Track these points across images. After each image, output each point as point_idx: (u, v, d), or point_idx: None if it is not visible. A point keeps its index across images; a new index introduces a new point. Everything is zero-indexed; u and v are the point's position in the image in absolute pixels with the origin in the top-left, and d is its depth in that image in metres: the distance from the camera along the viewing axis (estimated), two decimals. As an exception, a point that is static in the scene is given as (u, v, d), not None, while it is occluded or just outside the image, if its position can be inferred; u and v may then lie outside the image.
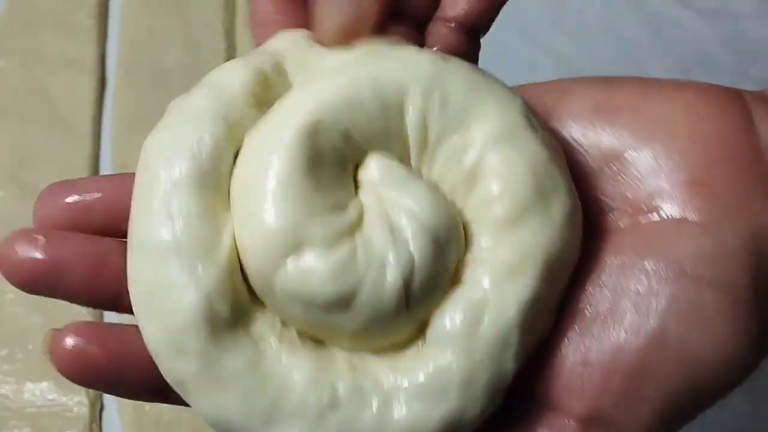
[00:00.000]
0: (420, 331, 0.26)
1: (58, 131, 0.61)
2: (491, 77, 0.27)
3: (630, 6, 0.71)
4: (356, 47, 0.27)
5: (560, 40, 0.70)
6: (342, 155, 0.26)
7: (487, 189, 0.26)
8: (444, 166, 0.26)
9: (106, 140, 0.63)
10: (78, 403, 0.55)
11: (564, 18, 0.71)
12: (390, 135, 0.26)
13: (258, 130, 0.26)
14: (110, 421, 0.56)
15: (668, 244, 0.26)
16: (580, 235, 0.27)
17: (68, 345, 0.26)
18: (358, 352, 0.26)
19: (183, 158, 0.25)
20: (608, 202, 0.27)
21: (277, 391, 0.25)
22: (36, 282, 0.26)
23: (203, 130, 0.25)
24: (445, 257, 0.25)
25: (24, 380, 0.55)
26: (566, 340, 0.26)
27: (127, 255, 0.26)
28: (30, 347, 0.56)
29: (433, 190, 0.26)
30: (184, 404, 0.27)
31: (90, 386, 0.28)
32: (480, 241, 0.26)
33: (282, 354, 0.25)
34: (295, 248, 0.24)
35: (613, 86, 0.28)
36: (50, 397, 0.55)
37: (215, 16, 0.66)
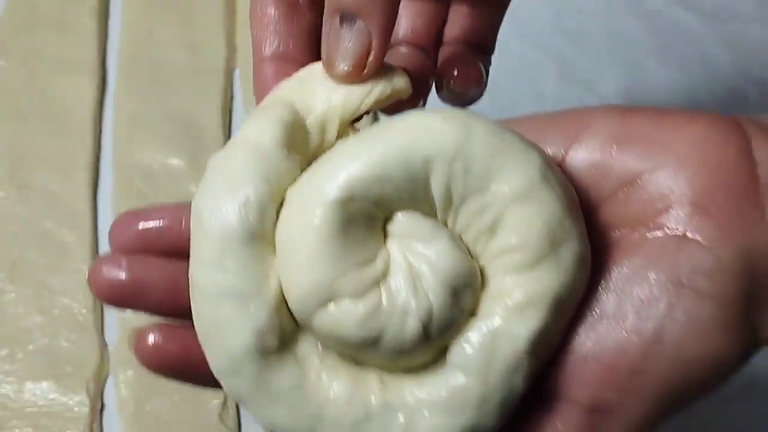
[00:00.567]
0: (442, 353, 0.30)
1: (59, 131, 0.62)
2: (512, 135, 0.30)
3: (630, 6, 0.71)
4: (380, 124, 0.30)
5: (560, 40, 0.70)
6: (372, 215, 0.29)
7: (505, 240, 0.29)
8: (467, 221, 0.30)
9: (106, 140, 0.63)
10: (78, 403, 0.55)
11: (564, 18, 0.71)
12: (416, 199, 0.29)
13: (299, 192, 0.29)
14: (110, 421, 0.56)
15: (669, 257, 0.29)
16: (588, 275, 0.30)
17: (151, 343, 0.31)
18: (389, 371, 0.30)
19: (231, 219, 0.29)
20: (619, 221, 0.31)
21: (319, 406, 0.29)
22: (122, 299, 0.31)
23: (248, 191, 0.29)
24: (461, 302, 0.29)
25: (25, 380, 0.55)
26: (575, 339, 0.30)
27: (190, 296, 0.30)
28: (30, 347, 0.56)
29: (455, 242, 0.29)
30: None
31: (166, 377, 0.32)
32: (496, 282, 0.29)
33: (323, 374, 0.29)
34: (329, 299, 0.29)
35: (630, 117, 0.31)
36: (51, 396, 0.55)
37: (215, 16, 0.66)
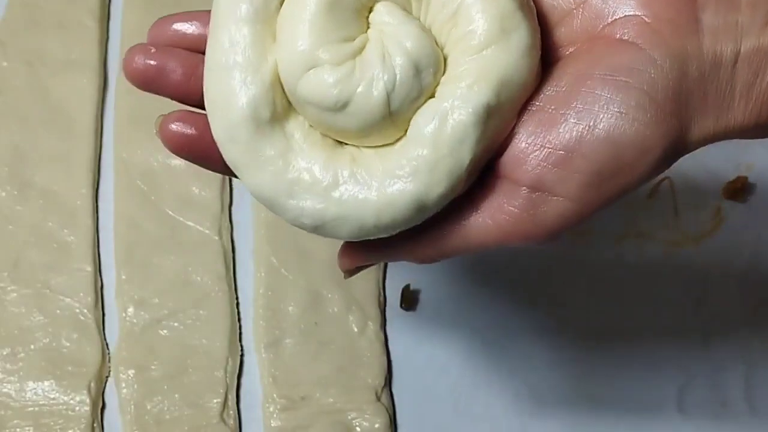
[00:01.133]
0: (404, 136, 0.34)
1: (60, 132, 0.62)
2: None
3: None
4: None
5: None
6: (359, 3, 0.34)
7: (463, 27, 0.34)
8: (435, 13, 0.34)
9: (107, 140, 0.63)
10: (79, 402, 0.55)
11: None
12: None
13: None
14: (111, 420, 0.56)
15: (609, 58, 0.33)
16: (535, 69, 0.34)
17: (173, 128, 0.35)
18: (362, 149, 0.35)
19: (242, 3, 0.34)
20: (573, 38, 0.35)
21: (297, 173, 0.34)
22: (147, 80, 0.36)
23: None
24: (422, 79, 0.34)
25: (26, 379, 0.55)
26: (521, 129, 0.34)
27: (204, 71, 0.35)
28: (32, 347, 0.56)
29: (423, 29, 0.34)
30: None
31: (191, 160, 0.37)
32: (454, 67, 0.34)
33: (304, 147, 0.34)
34: (312, 65, 0.33)
35: None
36: (52, 396, 0.55)
37: (216, 16, 0.66)
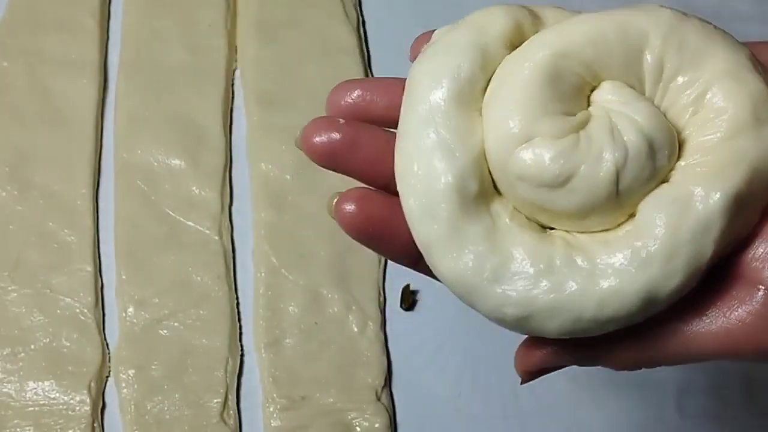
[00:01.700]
0: (629, 221, 0.31)
1: (60, 132, 0.62)
2: (724, 31, 0.32)
3: (628, 6, 0.71)
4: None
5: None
6: (581, 80, 0.31)
7: (708, 114, 0.31)
8: (673, 98, 0.31)
9: (107, 140, 0.63)
10: (80, 402, 0.55)
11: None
12: (628, 70, 0.31)
13: (511, 56, 0.32)
14: (111, 420, 0.56)
15: None
16: None
17: (349, 210, 0.32)
18: (574, 234, 0.32)
19: (445, 79, 0.31)
20: None
21: (504, 257, 0.31)
22: (335, 157, 0.33)
23: (463, 58, 0.31)
24: (656, 157, 0.30)
25: (26, 379, 0.55)
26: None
27: (395, 149, 0.32)
28: (32, 347, 0.56)
29: (656, 109, 0.31)
30: (428, 272, 0.33)
31: (364, 242, 0.33)
32: (694, 151, 0.31)
33: (512, 229, 0.31)
34: (527, 138, 0.30)
35: None
36: (52, 395, 0.55)
37: (216, 17, 0.66)
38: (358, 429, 0.56)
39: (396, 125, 0.33)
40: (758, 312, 0.30)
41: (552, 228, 0.32)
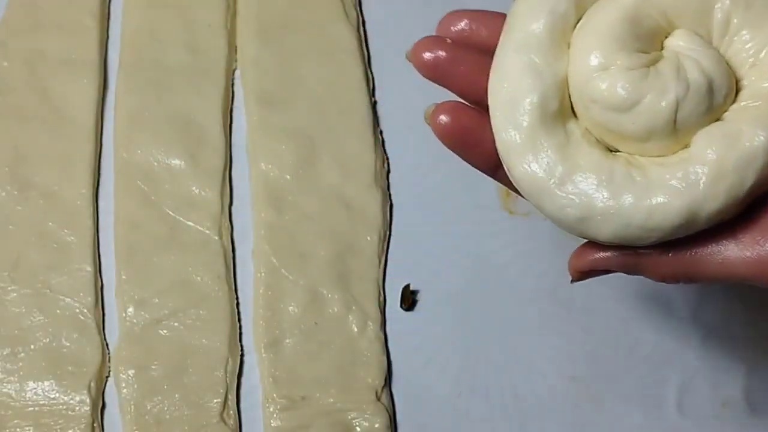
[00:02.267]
0: (684, 150, 0.35)
1: (60, 132, 0.62)
2: None
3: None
4: None
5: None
6: (657, 25, 0.36)
7: (764, 67, 0.35)
8: (736, 49, 0.36)
9: (107, 140, 0.63)
10: (80, 402, 0.55)
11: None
12: (699, 21, 0.36)
13: (600, 1, 0.36)
14: (112, 420, 0.56)
15: None
16: None
17: (443, 120, 0.37)
18: (636, 156, 0.36)
19: (544, 12, 0.36)
20: None
21: (572, 166, 0.35)
22: (438, 70, 0.37)
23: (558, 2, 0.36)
24: (714, 96, 0.34)
25: (26, 379, 0.55)
26: None
27: (492, 67, 0.37)
28: (32, 347, 0.56)
29: (721, 57, 0.35)
30: (505, 181, 0.38)
31: (454, 149, 0.38)
32: (747, 99, 0.35)
33: (582, 145, 0.36)
34: (604, 68, 0.35)
35: None
36: (52, 395, 0.55)
37: (216, 16, 0.66)
38: (358, 429, 0.56)
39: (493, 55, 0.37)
40: None
41: (618, 151, 0.36)
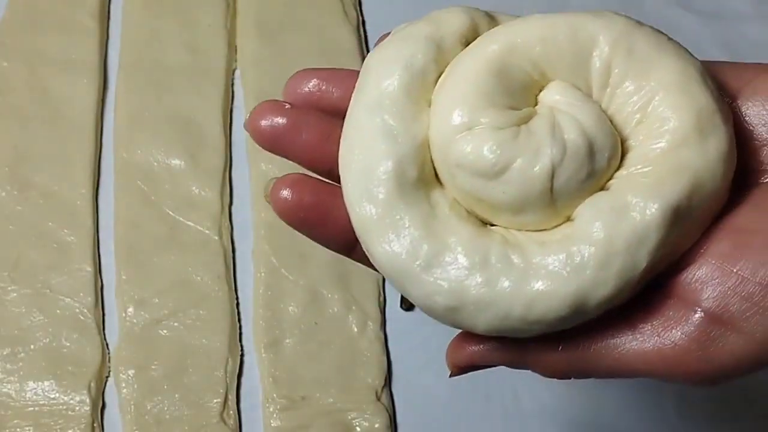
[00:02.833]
0: (567, 224, 0.31)
1: (60, 132, 0.62)
2: (677, 43, 0.31)
3: (629, 6, 0.71)
4: None
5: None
6: (528, 77, 0.31)
7: (653, 124, 0.30)
8: (620, 104, 0.31)
9: (107, 140, 0.63)
10: (79, 402, 0.55)
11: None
12: (576, 72, 0.31)
13: (464, 52, 0.32)
14: (111, 420, 0.56)
15: None
16: (730, 179, 0.30)
17: (284, 195, 0.32)
18: (512, 231, 0.31)
19: (398, 67, 0.31)
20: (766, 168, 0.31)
21: (439, 246, 0.30)
22: (278, 141, 0.32)
23: (418, 49, 0.31)
24: (596, 160, 0.30)
25: (26, 379, 0.55)
26: (710, 245, 0.30)
27: (343, 130, 0.32)
28: (32, 347, 0.56)
29: (602, 112, 0.31)
30: (364, 261, 0.33)
31: (298, 228, 0.33)
32: (635, 164, 0.30)
33: (450, 219, 0.31)
34: (468, 128, 0.30)
35: None
36: (52, 395, 0.55)
37: (216, 17, 0.66)
38: (358, 429, 0.56)
39: None
40: (692, 335, 0.29)
41: (492, 225, 0.32)
